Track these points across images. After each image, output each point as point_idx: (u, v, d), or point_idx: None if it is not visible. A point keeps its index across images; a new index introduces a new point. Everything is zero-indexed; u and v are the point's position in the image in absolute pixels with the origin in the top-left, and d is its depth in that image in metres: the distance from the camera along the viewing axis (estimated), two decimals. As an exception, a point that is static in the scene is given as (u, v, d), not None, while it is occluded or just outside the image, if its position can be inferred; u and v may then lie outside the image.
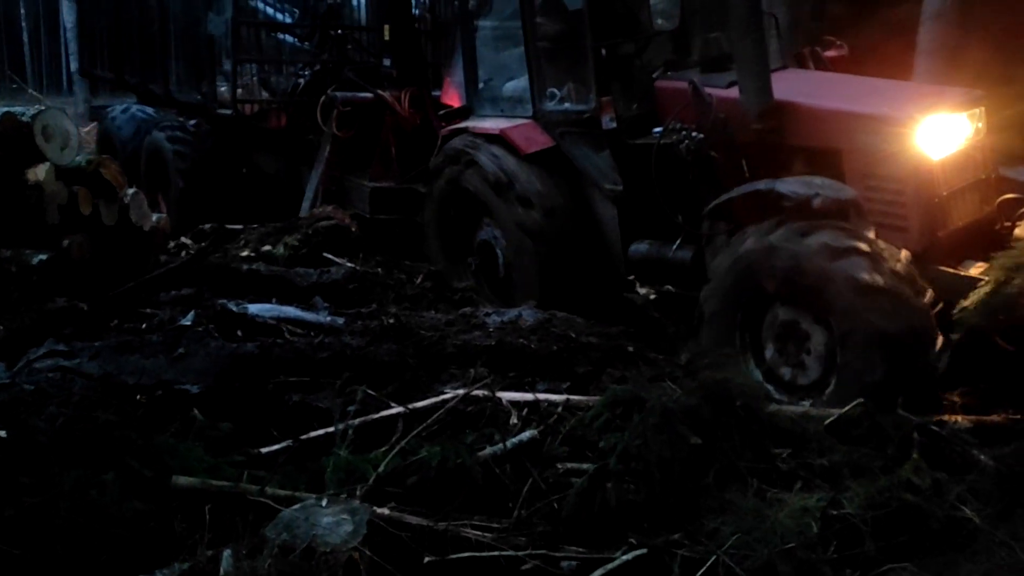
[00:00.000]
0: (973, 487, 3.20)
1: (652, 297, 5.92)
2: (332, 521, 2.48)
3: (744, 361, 4.55)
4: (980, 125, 4.91)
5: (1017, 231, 4.58)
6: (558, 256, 5.74)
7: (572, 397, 3.92)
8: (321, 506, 2.56)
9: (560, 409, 3.80)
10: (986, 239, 4.69)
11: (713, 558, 2.85)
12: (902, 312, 4.01)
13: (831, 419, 3.64)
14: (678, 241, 5.27)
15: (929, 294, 4.17)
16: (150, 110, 9.87)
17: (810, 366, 4.38)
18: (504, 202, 5.86)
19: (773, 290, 4.36)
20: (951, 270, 4.49)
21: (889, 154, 4.60)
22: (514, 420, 3.73)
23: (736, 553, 2.87)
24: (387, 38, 8.10)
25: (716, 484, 3.22)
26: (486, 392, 3.81)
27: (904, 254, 4.22)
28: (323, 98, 8.00)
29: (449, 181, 6.23)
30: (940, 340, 4.10)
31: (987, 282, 4.10)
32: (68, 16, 15.35)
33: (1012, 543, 2.60)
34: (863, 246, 4.11)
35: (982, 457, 3.42)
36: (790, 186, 4.52)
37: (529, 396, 3.97)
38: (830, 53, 6.15)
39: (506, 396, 3.92)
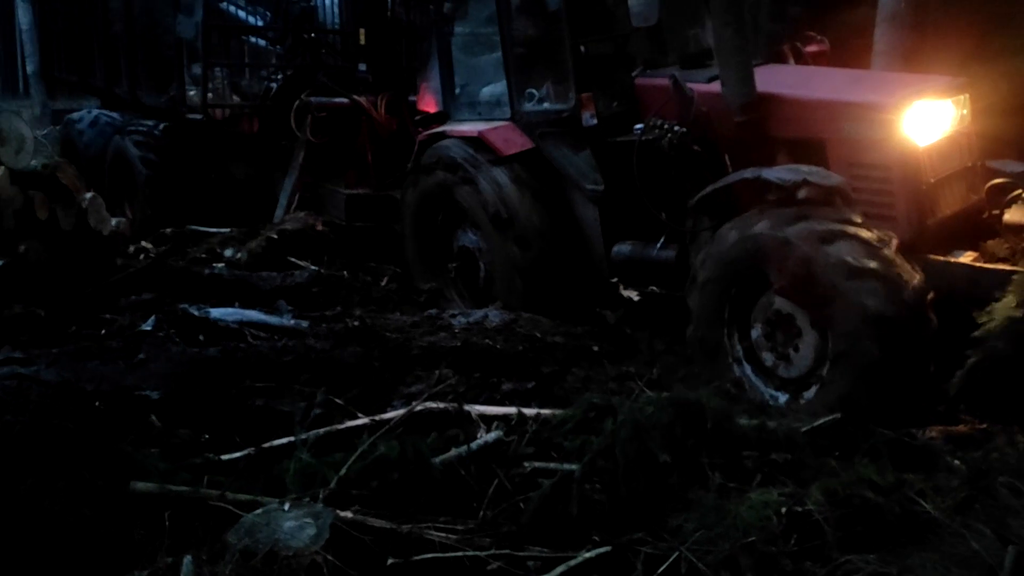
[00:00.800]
0: (936, 485, 3.28)
1: (636, 299, 5.86)
2: (295, 525, 2.46)
3: (728, 334, 4.49)
4: (965, 112, 4.85)
5: (1007, 216, 4.54)
6: (546, 279, 5.65)
7: (543, 411, 3.83)
8: (283, 510, 2.54)
9: (530, 423, 3.72)
10: (975, 228, 4.64)
11: (675, 554, 2.88)
12: (905, 344, 3.92)
13: (804, 428, 3.65)
14: (661, 240, 5.22)
15: (934, 318, 4.04)
16: (115, 115, 9.66)
17: (795, 363, 4.32)
18: (499, 235, 5.71)
19: (777, 283, 4.25)
20: (942, 258, 4.40)
21: (875, 141, 4.54)
22: (482, 433, 3.68)
23: (698, 549, 2.91)
24: (363, 42, 7.97)
25: (680, 483, 3.25)
26: (453, 405, 3.73)
27: (919, 277, 4.06)
28: (297, 103, 7.86)
29: (440, 185, 6.01)
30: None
31: (1010, 300, 3.84)
32: (23, 17, 14.99)
33: (965, 532, 2.66)
34: (882, 269, 3.98)
35: (955, 462, 3.47)
36: (777, 173, 4.48)
37: (499, 410, 3.87)
38: (811, 48, 6.12)
39: (476, 409, 3.84)
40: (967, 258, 4.43)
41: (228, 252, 6.77)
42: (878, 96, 4.73)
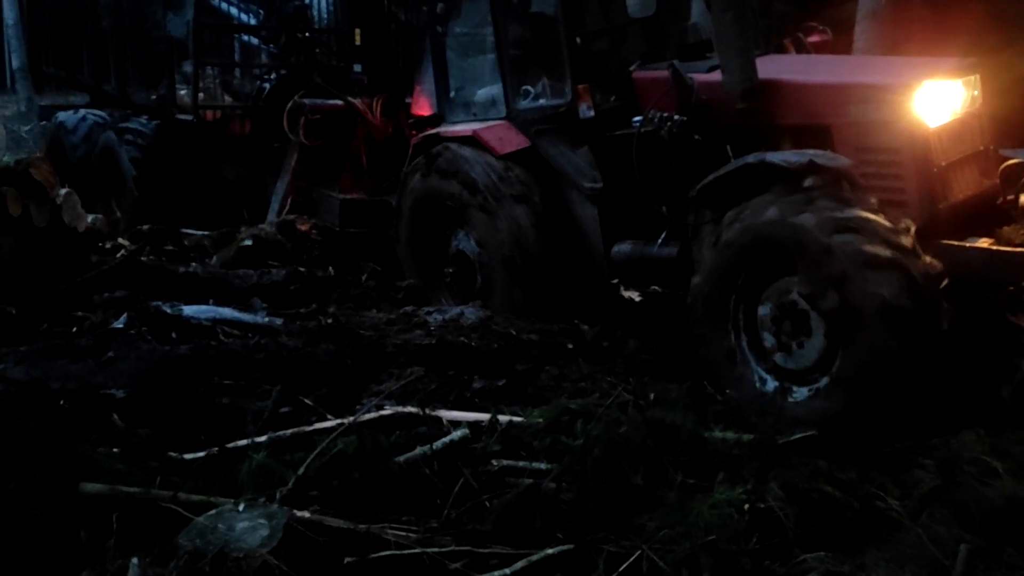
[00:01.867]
0: (900, 479, 3.28)
1: (637, 299, 5.72)
2: (247, 526, 2.44)
3: (735, 300, 4.33)
4: (976, 93, 4.71)
5: (1023, 200, 4.38)
6: (546, 303, 5.52)
7: (515, 418, 3.74)
8: (238, 511, 2.53)
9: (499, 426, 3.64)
10: (989, 214, 4.48)
11: (637, 552, 2.87)
12: (914, 385, 3.81)
13: (781, 442, 3.61)
14: (662, 237, 5.09)
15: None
16: (103, 114, 9.55)
17: (794, 357, 4.18)
18: (508, 275, 5.56)
19: (805, 286, 4.06)
20: (958, 243, 4.24)
21: (883, 124, 4.40)
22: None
23: (661, 548, 2.91)
24: (358, 43, 7.85)
25: (646, 485, 3.24)
26: (420, 410, 3.63)
27: (951, 317, 3.87)
28: (290, 104, 7.75)
29: (454, 196, 5.79)
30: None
31: None
32: (9, 12, 14.93)
33: (920, 531, 2.66)
34: (918, 310, 3.78)
35: (926, 461, 3.44)
36: (782, 156, 4.36)
37: (471, 415, 3.78)
38: (813, 39, 5.98)
39: (446, 415, 3.75)
40: (983, 244, 4.26)
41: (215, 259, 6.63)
42: (885, 77, 4.61)
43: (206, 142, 8.58)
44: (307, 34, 8.55)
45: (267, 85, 8.43)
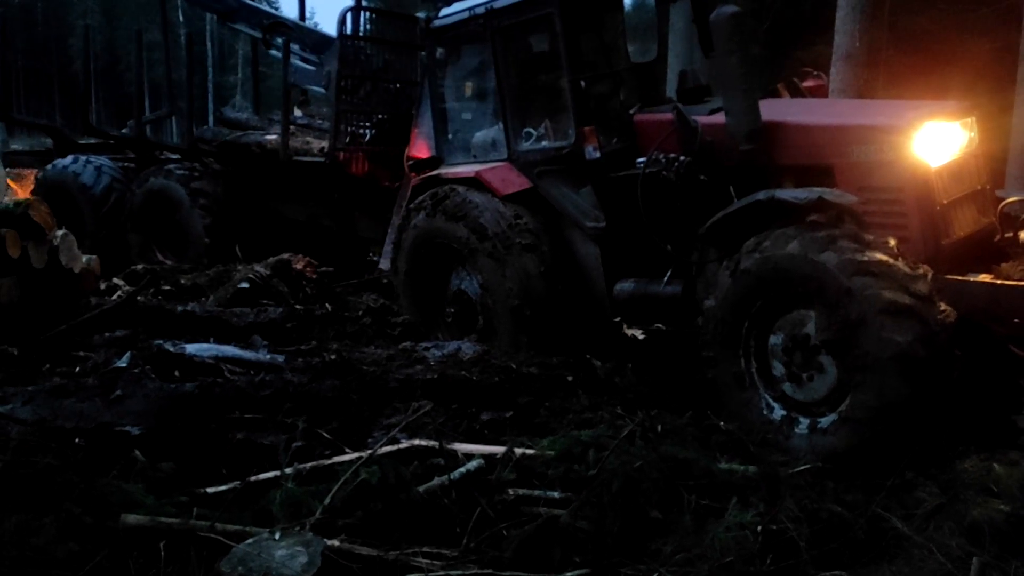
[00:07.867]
0: (902, 500, 3.40)
1: (641, 337, 5.60)
2: (287, 554, 2.49)
3: (748, 327, 4.37)
4: (973, 135, 4.83)
5: (1023, 235, 4.50)
6: (549, 334, 5.54)
7: (528, 451, 3.79)
8: (275, 539, 2.57)
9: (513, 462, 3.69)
10: (986, 251, 4.59)
11: (655, 576, 2.95)
12: (917, 431, 3.84)
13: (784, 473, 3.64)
14: (667, 275, 5.11)
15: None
16: (105, 159, 9.91)
17: (803, 389, 4.22)
18: (513, 321, 5.57)
19: (821, 330, 4.07)
20: (961, 277, 4.29)
21: (885, 163, 4.48)
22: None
23: (678, 570, 2.98)
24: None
25: (660, 509, 3.32)
26: (436, 444, 3.69)
27: (960, 365, 3.88)
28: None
29: (462, 240, 5.75)
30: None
31: None
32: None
33: (931, 546, 2.77)
34: (931, 359, 3.79)
35: (928, 483, 3.55)
36: (791, 193, 4.42)
37: (485, 448, 3.83)
38: (808, 83, 6.11)
39: (462, 447, 3.81)
40: (985, 279, 4.32)
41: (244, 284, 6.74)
42: (888, 119, 4.70)
43: (279, 183, 8.92)
44: (398, 85, 8.85)
45: (365, 132, 8.69)
